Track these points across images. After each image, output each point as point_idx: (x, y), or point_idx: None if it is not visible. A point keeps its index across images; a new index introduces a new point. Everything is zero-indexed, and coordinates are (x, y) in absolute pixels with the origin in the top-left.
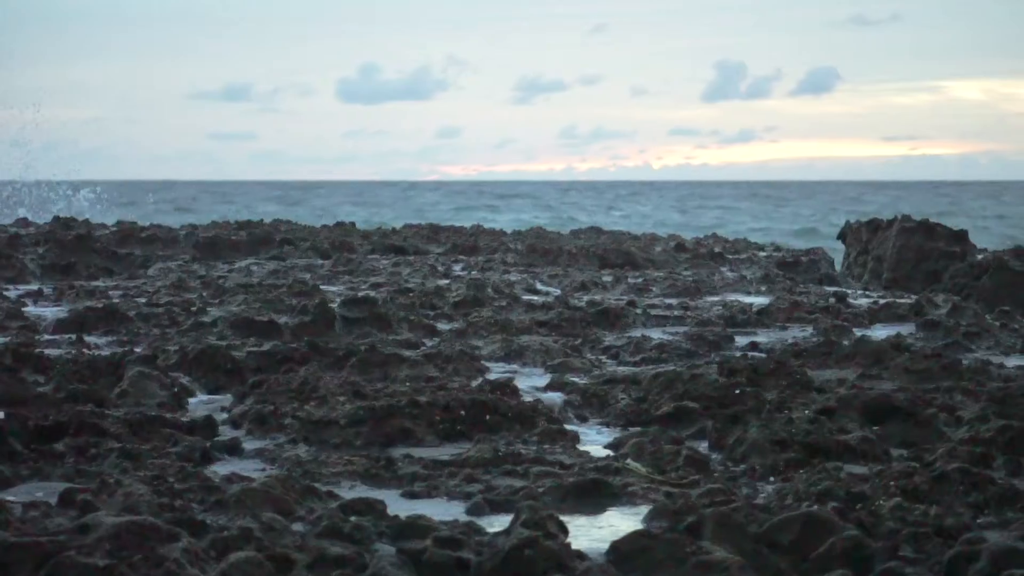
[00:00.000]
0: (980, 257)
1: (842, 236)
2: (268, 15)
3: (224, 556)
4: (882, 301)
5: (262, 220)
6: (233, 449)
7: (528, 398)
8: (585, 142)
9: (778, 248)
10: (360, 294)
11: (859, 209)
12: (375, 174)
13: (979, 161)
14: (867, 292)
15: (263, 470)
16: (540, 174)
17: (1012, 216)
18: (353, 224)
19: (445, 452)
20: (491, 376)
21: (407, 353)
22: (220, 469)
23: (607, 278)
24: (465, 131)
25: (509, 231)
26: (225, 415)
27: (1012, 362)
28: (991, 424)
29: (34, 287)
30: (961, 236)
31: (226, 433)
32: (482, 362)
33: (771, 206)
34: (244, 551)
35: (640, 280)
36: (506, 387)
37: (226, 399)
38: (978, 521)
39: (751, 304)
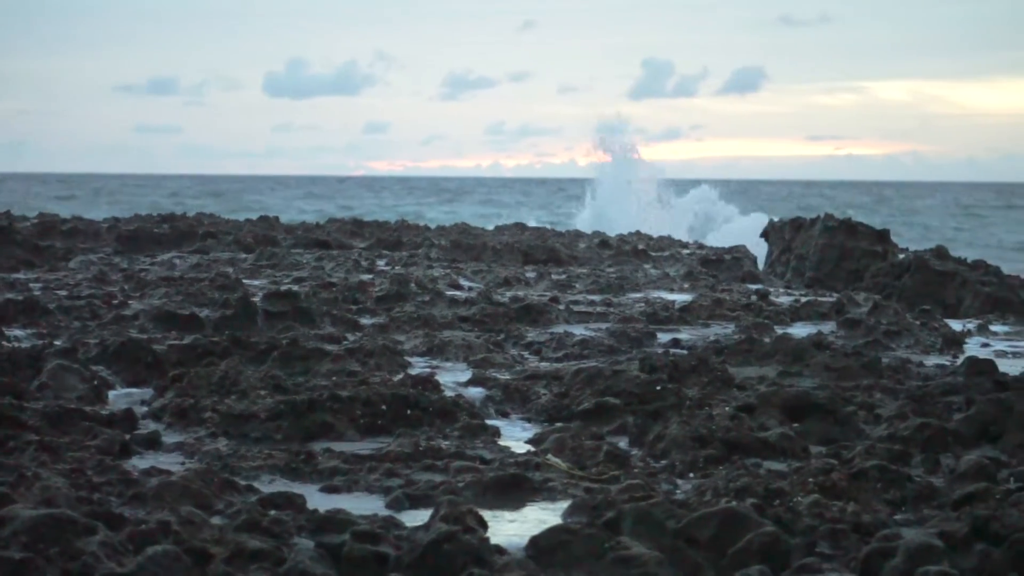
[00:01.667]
0: (901, 256)
1: (765, 234)
2: (194, 8)
3: (142, 549)
4: (804, 299)
5: (184, 213)
6: (153, 442)
7: (450, 393)
8: (512, 139)
9: (701, 246)
10: (283, 288)
11: (786, 208)
12: (303, 168)
13: (903, 161)
14: (789, 290)
15: (183, 464)
16: (467, 170)
17: (935, 216)
18: (277, 218)
19: (366, 446)
20: (413, 371)
21: (329, 347)
22: (139, 462)
23: (531, 274)
24: (392, 127)
25: (434, 226)
26: (145, 408)
27: (931, 361)
28: (909, 422)
29: None
30: (883, 235)
31: (146, 426)
32: (404, 357)
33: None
34: (162, 544)
35: (564, 276)
36: (428, 382)
37: (146, 392)
38: (895, 518)
39: (674, 301)
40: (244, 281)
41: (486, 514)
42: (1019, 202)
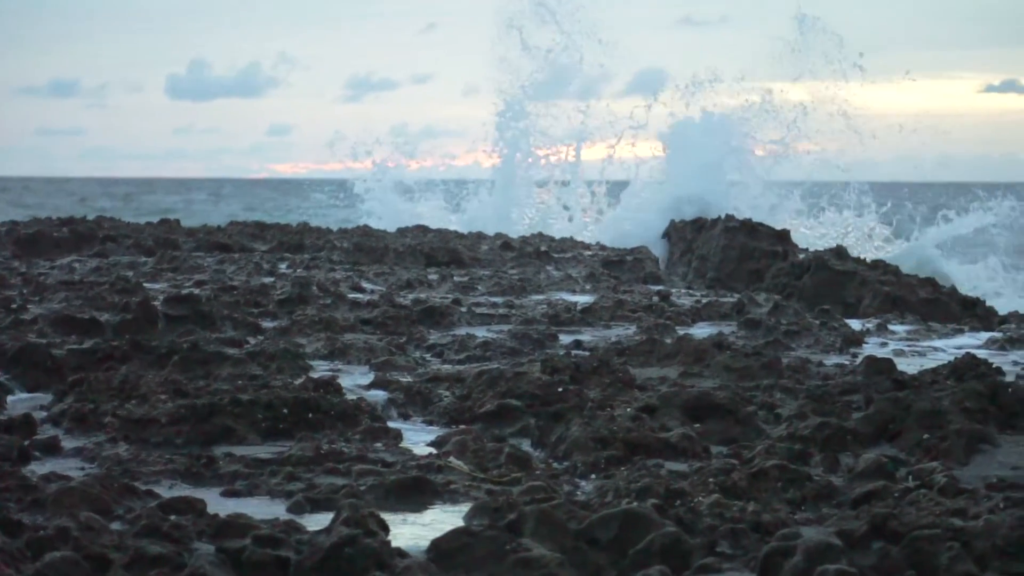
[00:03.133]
0: (802, 256)
1: (667, 235)
2: (94, 9)
3: (40, 556)
4: (705, 300)
5: (85, 216)
6: (52, 448)
7: (351, 396)
8: (415, 141)
9: (603, 247)
10: (183, 292)
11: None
12: (206, 171)
13: (801, 161)
14: (691, 291)
15: (82, 469)
16: (371, 172)
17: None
18: (177, 221)
19: (267, 450)
20: (315, 374)
21: (230, 351)
22: (38, 468)
23: (433, 276)
24: (296, 129)
25: (336, 229)
26: (44, 413)
27: (831, 360)
28: (809, 421)
29: None
30: (783, 236)
31: (45, 432)
32: (306, 360)
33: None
34: (61, 551)
35: (466, 278)
36: (329, 385)
37: (45, 397)
38: (795, 517)
39: (576, 303)
40: (144, 285)
41: (388, 517)
42: (927, 202)
